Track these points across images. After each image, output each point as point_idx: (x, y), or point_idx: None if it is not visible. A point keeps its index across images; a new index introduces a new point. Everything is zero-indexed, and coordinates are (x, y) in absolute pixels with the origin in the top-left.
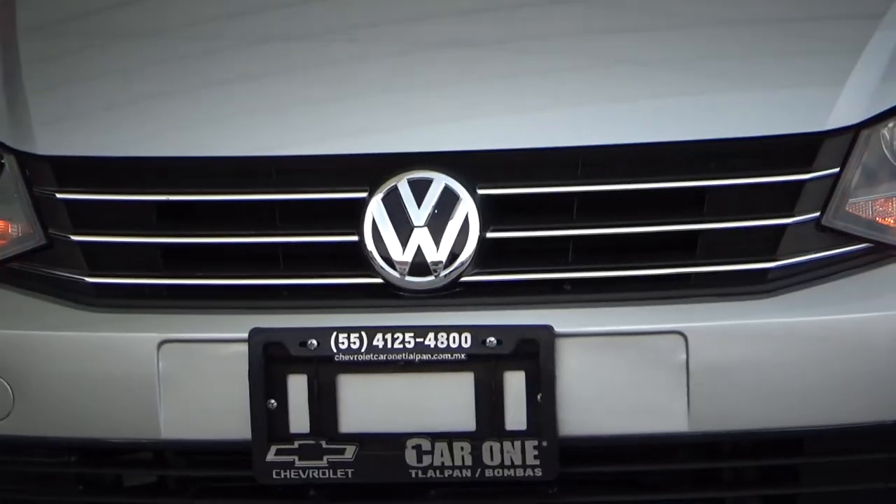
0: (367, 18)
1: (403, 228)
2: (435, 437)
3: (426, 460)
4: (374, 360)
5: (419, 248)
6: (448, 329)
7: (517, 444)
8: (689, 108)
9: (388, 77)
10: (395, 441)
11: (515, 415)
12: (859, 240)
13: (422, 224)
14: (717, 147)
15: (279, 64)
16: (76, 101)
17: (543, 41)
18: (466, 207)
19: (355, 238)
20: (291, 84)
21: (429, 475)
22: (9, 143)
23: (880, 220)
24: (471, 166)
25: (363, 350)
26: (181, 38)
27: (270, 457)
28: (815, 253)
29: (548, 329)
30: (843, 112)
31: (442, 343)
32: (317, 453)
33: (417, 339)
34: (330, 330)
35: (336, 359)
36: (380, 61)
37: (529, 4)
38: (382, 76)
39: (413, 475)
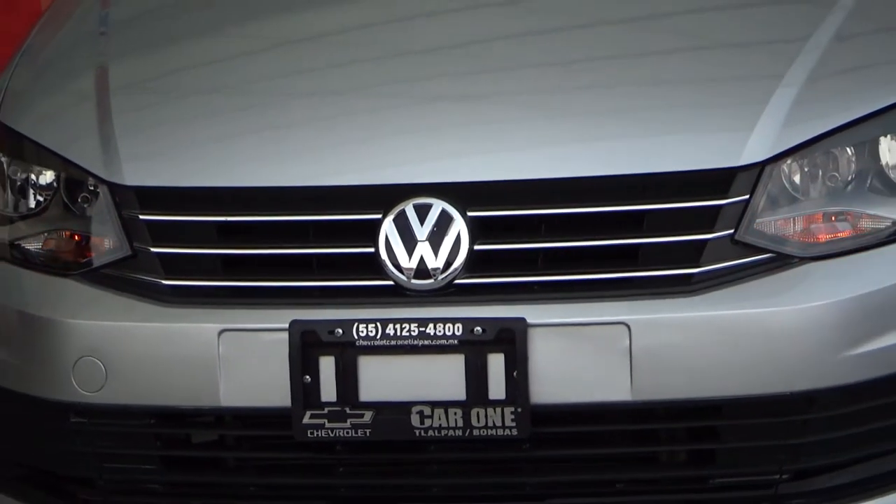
0: (382, 78)
1: (409, 242)
2: (434, 404)
3: (427, 423)
4: (387, 345)
5: (422, 257)
6: (444, 321)
7: (498, 410)
8: (632, 148)
9: (398, 125)
10: (403, 408)
11: (496, 387)
12: (764, 251)
13: (424, 239)
14: (653, 179)
15: (313, 114)
16: (155, 142)
17: (518, 96)
18: (458, 226)
19: (372, 250)
20: (323, 130)
21: (429, 434)
22: (103, 175)
23: (781, 236)
24: (462, 194)
25: (378, 337)
26: (236, 93)
27: (306, 420)
28: (730, 261)
29: (522, 321)
30: (752, 151)
31: (439, 332)
32: (342, 417)
33: (420, 329)
34: (352, 321)
35: (357, 344)
36: (391, 112)
37: (506, 68)
38: (393, 124)
39: (417, 434)
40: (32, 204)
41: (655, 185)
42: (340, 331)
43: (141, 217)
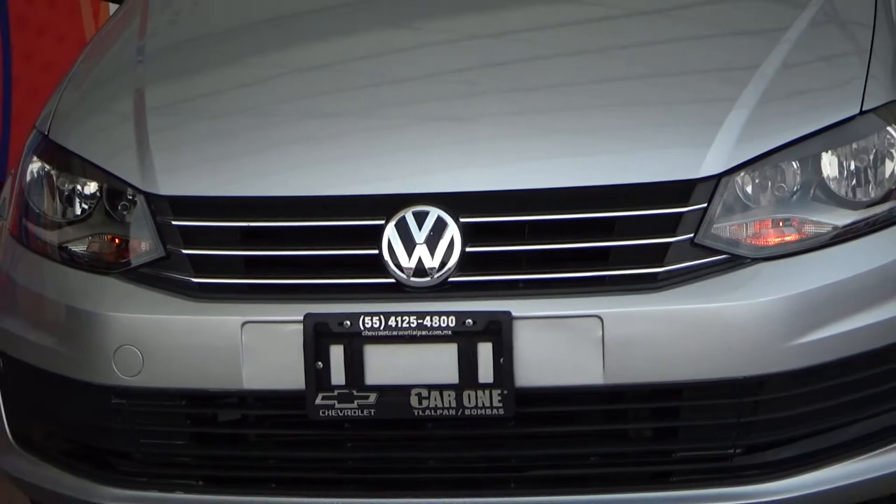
0: (385, 101)
1: (409, 245)
2: (430, 387)
3: (424, 403)
4: (389, 335)
5: (420, 258)
6: (439, 314)
7: (486, 392)
8: (604, 162)
9: (399, 142)
10: (403, 390)
11: (485, 372)
12: (720, 252)
13: (421, 242)
14: (623, 189)
15: (325, 133)
16: (186, 157)
17: (503, 117)
18: (452, 231)
19: (376, 251)
20: (333, 147)
21: (426, 413)
22: (140, 186)
23: (734, 239)
24: (455, 203)
25: (381, 328)
26: (256, 114)
27: (318, 401)
28: (690, 261)
29: (507, 314)
30: (710, 165)
31: (435, 323)
32: (349, 399)
33: (418, 321)
34: (359, 314)
35: (363, 334)
36: (393, 131)
37: (492, 92)
38: (395, 142)
39: (415, 413)
40: (78, 211)
41: (624, 194)
42: (348, 323)
43: (173, 223)
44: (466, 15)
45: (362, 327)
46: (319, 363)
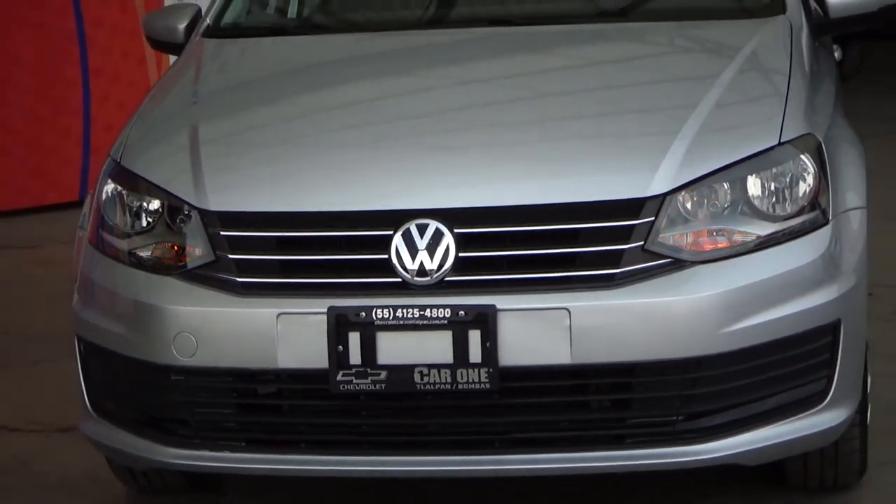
0: (395, 134)
1: (413, 251)
2: (430, 366)
3: (425, 379)
4: (397, 324)
5: (421, 262)
6: (437, 307)
7: (475, 370)
8: (571, 184)
9: (405, 168)
10: (407, 369)
11: (475, 354)
12: (665, 257)
13: (423, 248)
14: (586, 205)
15: (345, 160)
16: (232, 180)
17: (488, 147)
18: (448, 240)
19: (386, 256)
20: (352, 171)
21: (426, 387)
22: (195, 203)
23: (677, 246)
24: (450, 217)
25: (391, 318)
26: (289, 145)
27: (339, 377)
28: (641, 264)
29: (493, 307)
30: (657, 186)
31: (434, 314)
32: (364, 375)
33: (420, 312)
34: (372, 307)
35: (375, 323)
36: (401, 159)
37: (479, 127)
38: (402, 167)
39: (417, 387)
40: (144, 224)
41: (587, 210)
42: (364, 314)
43: (222, 233)
44: (458, 65)
45: (375, 318)
46: (340, 347)
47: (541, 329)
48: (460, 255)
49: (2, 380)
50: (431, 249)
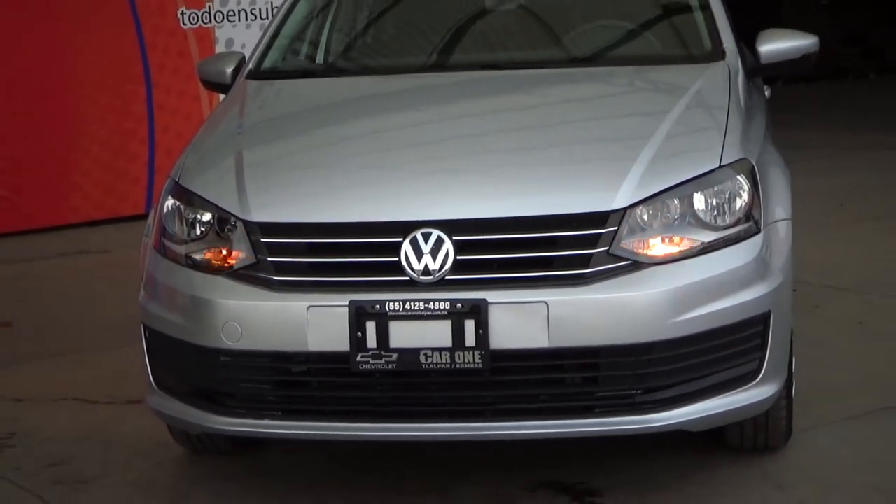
0: (405, 160)
1: (419, 254)
2: (433, 349)
3: (429, 360)
4: (406, 315)
5: (426, 264)
6: (439, 300)
7: (470, 352)
8: (549, 199)
9: (413, 186)
10: (415, 351)
11: (470, 339)
12: (626, 259)
13: (427, 253)
14: (561, 217)
15: (364, 180)
16: (271, 196)
17: (481, 169)
18: (447, 246)
19: (397, 259)
20: (370, 189)
21: (430, 367)
22: (240, 216)
23: (635, 251)
24: (449, 226)
25: (401, 310)
26: (318, 168)
27: (358, 358)
28: (606, 265)
29: (485, 300)
30: (619, 201)
31: (436, 307)
32: (379, 357)
33: (425, 305)
34: (385, 300)
35: (388, 314)
36: (408, 179)
37: (473, 153)
38: (409, 187)
39: (423, 367)
40: (198, 232)
41: (562, 221)
42: (378, 306)
43: (262, 240)
44: (455, 102)
45: (388, 309)
46: (359, 333)
47: (524, 319)
48: (458, 258)
49: (80, 361)
50: (434, 253)
